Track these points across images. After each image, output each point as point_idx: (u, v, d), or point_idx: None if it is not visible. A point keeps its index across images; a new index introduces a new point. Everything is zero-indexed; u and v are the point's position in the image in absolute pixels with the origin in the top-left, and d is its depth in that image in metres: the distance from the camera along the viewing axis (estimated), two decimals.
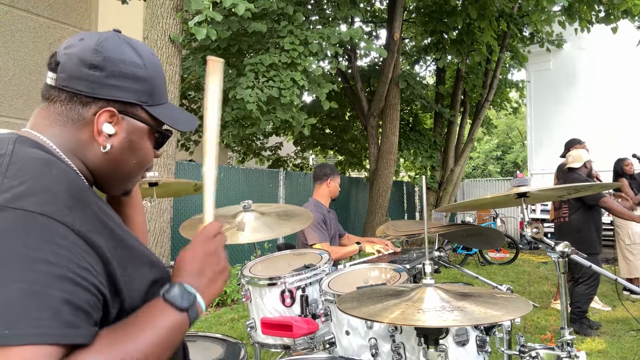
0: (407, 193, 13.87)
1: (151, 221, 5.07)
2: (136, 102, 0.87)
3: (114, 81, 0.83)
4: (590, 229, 4.52)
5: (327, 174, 3.49)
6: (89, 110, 0.83)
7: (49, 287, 0.61)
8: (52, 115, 0.83)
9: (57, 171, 0.74)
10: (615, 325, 4.59)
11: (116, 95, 0.84)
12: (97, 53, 0.82)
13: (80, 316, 0.64)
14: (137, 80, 0.86)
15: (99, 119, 0.83)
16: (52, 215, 0.66)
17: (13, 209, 0.65)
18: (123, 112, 0.85)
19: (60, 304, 0.62)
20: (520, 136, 23.16)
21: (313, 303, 2.05)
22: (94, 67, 0.82)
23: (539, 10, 8.15)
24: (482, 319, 1.24)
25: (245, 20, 6.26)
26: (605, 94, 10.86)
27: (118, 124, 0.85)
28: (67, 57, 0.83)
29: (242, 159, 10.93)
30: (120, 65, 0.84)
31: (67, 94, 0.83)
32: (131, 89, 0.85)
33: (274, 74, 6.22)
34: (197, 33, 4.64)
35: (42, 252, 0.63)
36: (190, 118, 1.00)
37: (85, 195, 0.76)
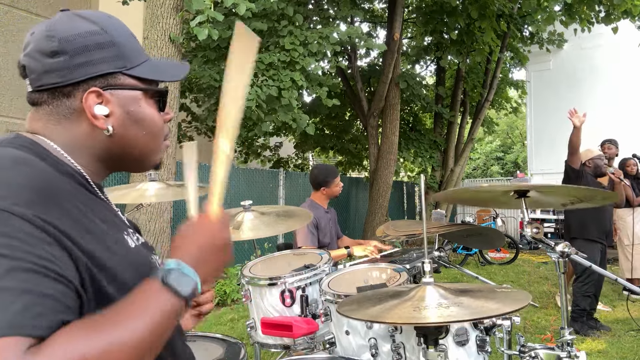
0: (407, 193, 13.88)
1: (151, 221, 5.08)
2: (114, 71, 0.81)
3: (80, 59, 0.78)
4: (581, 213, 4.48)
5: (319, 183, 3.37)
6: (74, 99, 0.80)
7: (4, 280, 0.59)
8: (44, 117, 0.81)
9: (27, 169, 0.71)
10: (615, 325, 4.59)
11: (91, 72, 0.79)
12: (50, 39, 0.78)
13: (45, 304, 0.60)
14: (102, 47, 0.80)
15: (87, 103, 0.79)
16: (7, 209, 0.64)
17: None
18: (107, 87, 0.80)
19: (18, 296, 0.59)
20: (520, 136, 23.17)
21: (313, 303, 2.05)
22: (55, 54, 0.77)
23: (540, 9, 8.15)
24: (483, 313, 1.24)
25: (246, 19, 6.26)
26: (605, 94, 10.86)
27: (109, 102, 0.80)
28: (27, 57, 0.79)
29: (245, 160, 10.93)
30: (78, 40, 0.78)
31: (47, 92, 0.79)
32: (102, 59, 0.80)
33: (273, 73, 6.22)
34: (199, 33, 4.64)
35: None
36: (177, 65, 0.94)
37: (56, 193, 0.71)
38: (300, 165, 12.55)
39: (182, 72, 0.93)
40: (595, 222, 4.49)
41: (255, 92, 5.92)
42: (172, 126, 5.20)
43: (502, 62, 10.77)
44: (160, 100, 0.89)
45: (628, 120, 10.37)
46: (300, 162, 12.63)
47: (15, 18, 7.27)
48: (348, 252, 3.04)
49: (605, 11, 7.90)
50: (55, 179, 0.75)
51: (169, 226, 5.36)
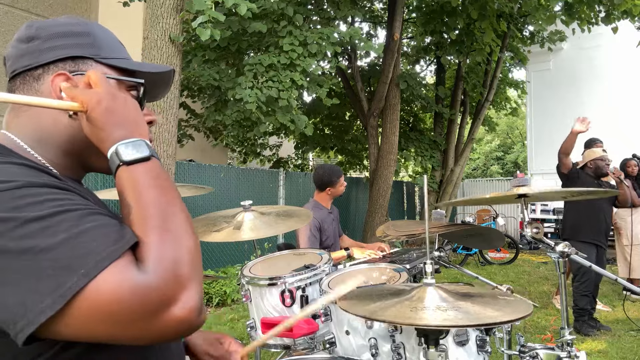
0: (407, 193, 13.87)
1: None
2: (86, 56, 0.81)
3: (52, 42, 0.79)
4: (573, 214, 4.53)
5: (325, 184, 3.35)
6: (43, 82, 0.79)
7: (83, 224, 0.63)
8: (15, 107, 0.80)
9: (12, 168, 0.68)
10: (615, 325, 4.59)
11: (60, 54, 0.79)
12: (29, 27, 0.81)
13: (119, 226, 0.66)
14: (76, 35, 0.81)
15: (53, 85, 0.78)
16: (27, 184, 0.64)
17: None
18: (77, 71, 0.80)
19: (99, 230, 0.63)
20: (520, 136, 23.17)
21: (313, 303, 2.05)
22: (30, 39, 0.79)
23: (541, 9, 8.15)
24: (483, 319, 1.24)
25: (246, 20, 6.27)
26: (605, 94, 10.87)
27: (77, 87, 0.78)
28: (8, 48, 0.82)
29: (244, 160, 10.94)
30: (54, 27, 0.80)
31: (19, 77, 0.79)
32: (74, 44, 0.80)
33: (273, 74, 6.22)
34: (201, 34, 4.64)
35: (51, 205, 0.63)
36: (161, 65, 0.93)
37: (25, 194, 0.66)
38: (301, 165, 12.55)
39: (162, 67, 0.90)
40: (588, 224, 4.50)
41: (256, 94, 5.92)
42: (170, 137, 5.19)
43: (502, 62, 10.77)
44: (137, 96, 0.85)
45: (628, 120, 10.38)
46: (301, 162, 12.63)
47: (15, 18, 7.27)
48: (348, 254, 3.04)
49: (605, 11, 7.89)
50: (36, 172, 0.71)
51: None
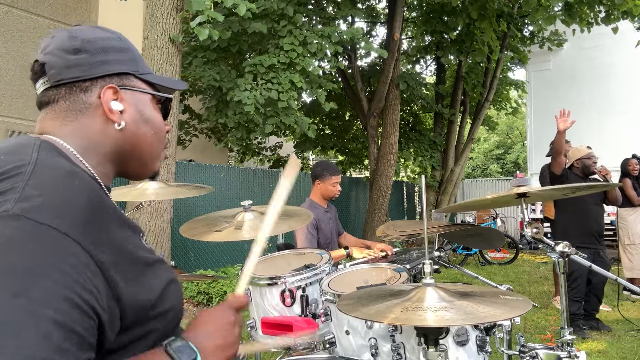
0: (407, 193, 13.87)
1: (151, 221, 5.08)
2: (129, 72, 0.88)
3: (101, 57, 0.84)
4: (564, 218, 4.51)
5: (316, 175, 3.35)
6: (92, 94, 0.84)
7: (45, 306, 0.59)
8: (60, 115, 0.84)
9: (78, 182, 0.73)
10: (615, 325, 4.59)
11: (109, 70, 0.85)
12: (74, 39, 0.84)
13: (72, 340, 0.61)
14: (119, 51, 0.87)
15: (104, 98, 0.84)
16: (66, 231, 0.64)
17: (28, 220, 0.63)
18: (122, 86, 0.86)
19: (53, 327, 0.59)
20: (520, 136, 23.17)
21: (313, 303, 2.05)
22: (78, 51, 0.83)
23: (541, 9, 8.15)
24: (482, 318, 1.24)
25: (246, 20, 6.26)
26: (605, 94, 10.87)
27: (123, 99, 0.86)
28: (49, 55, 0.83)
29: (242, 159, 10.93)
30: (99, 42, 0.85)
31: (65, 87, 0.83)
32: (119, 60, 0.87)
33: (272, 75, 6.22)
34: (200, 34, 4.64)
35: (46, 267, 0.61)
36: (179, 80, 1.03)
37: (103, 207, 0.74)
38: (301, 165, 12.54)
39: (182, 85, 1.03)
40: (577, 227, 4.45)
41: (254, 96, 5.91)
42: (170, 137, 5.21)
43: (502, 62, 10.77)
44: (163, 109, 0.96)
45: (628, 120, 10.38)
46: (300, 161, 12.61)
47: (15, 18, 7.26)
48: (347, 253, 3.03)
49: (606, 11, 7.89)
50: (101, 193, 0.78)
51: (169, 226, 5.36)
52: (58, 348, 0.59)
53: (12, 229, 0.62)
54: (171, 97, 0.98)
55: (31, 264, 0.60)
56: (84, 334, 0.63)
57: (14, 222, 0.63)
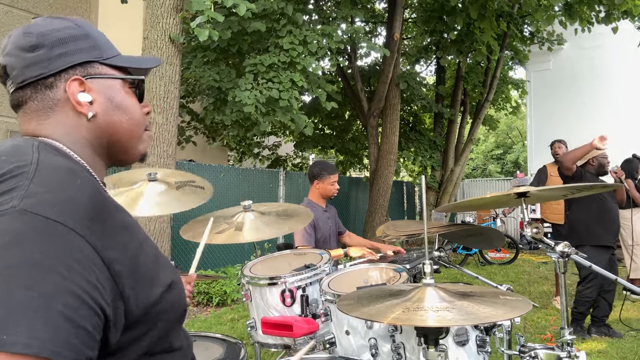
0: (407, 193, 13.87)
1: (151, 221, 5.08)
2: (92, 60, 0.85)
3: (59, 49, 0.82)
4: (586, 218, 4.35)
5: (314, 175, 3.34)
6: (58, 89, 0.82)
7: (55, 300, 0.60)
8: (33, 116, 0.82)
9: (81, 180, 0.74)
10: (615, 325, 4.59)
11: (70, 61, 0.82)
12: (28, 35, 0.81)
13: (79, 336, 0.61)
14: (78, 39, 0.84)
15: (70, 91, 0.82)
16: (72, 227, 0.65)
17: (35, 215, 0.64)
18: (87, 75, 0.84)
19: (62, 321, 0.60)
20: (520, 136, 23.17)
21: (313, 303, 2.05)
22: (35, 48, 0.80)
23: (541, 9, 8.15)
24: (482, 318, 1.24)
25: (246, 20, 6.27)
26: (605, 94, 10.87)
27: (91, 90, 0.84)
28: (7, 56, 0.82)
29: (240, 158, 10.94)
30: (55, 33, 0.82)
31: (30, 87, 0.81)
32: (79, 49, 0.84)
33: (273, 75, 6.22)
34: (200, 34, 4.64)
35: (55, 262, 0.62)
36: (148, 58, 0.99)
37: (106, 204, 0.75)
38: (299, 164, 12.54)
39: (154, 62, 0.97)
40: (603, 225, 4.34)
41: (255, 96, 5.91)
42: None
43: (502, 62, 10.77)
44: (137, 92, 0.93)
45: (628, 120, 10.37)
46: (299, 161, 12.62)
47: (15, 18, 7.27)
48: (344, 252, 3.03)
49: (606, 11, 7.89)
50: (102, 190, 0.78)
51: (169, 226, 5.36)
52: (67, 342, 0.60)
53: (21, 223, 0.63)
54: (143, 78, 0.94)
55: (40, 258, 0.61)
56: (91, 331, 0.63)
57: (21, 217, 0.63)
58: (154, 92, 5.17)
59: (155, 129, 5.17)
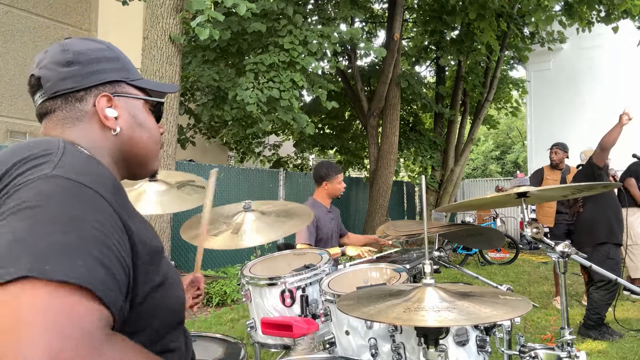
0: (407, 193, 13.87)
1: (151, 221, 5.08)
2: (121, 80, 0.93)
3: (92, 67, 0.89)
4: (603, 219, 4.30)
5: (322, 177, 3.38)
6: (87, 103, 0.89)
7: (91, 246, 0.64)
8: (59, 123, 0.88)
9: (102, 167, 0.82)
10: (615, 325, 4.59)
11: (101, 78, 0.90)
12: (66, 52, 0.88)
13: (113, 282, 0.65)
14: (110, 60, 0.92)
15: (99, 105, 0.89)
16: (101, 192, 0.71)
17: (67, 179, 0.70)
18: (115, 93, 0.91)
19: (99, 265, 0.63)
20: (520, 136, 23.17)
21: (313, 303, 2.05)
22: (70, 63, 0.87)
23: (540, 9, 8.15)
24: (482, 318, 1.24)
25: (246, 20, 6.27)
26: (605, 94, 10.87)
27: (117, 106, 0.91)
28: (43, 69, 0.88)
29: (242, 159, 10.93)
30: (90, 53, 0.90)
31: (61, 98, 0.88)
32: (110, 69, 0.91)
33: (274, 74, 6.22)
34: (200, 33, 4.65)
35: (88, 216, 0.67)
36: (169, 84, 1.08)
37: (123, 191, 0.82)
38: (300, 165, 12.55)
39: (173, 89, 1.09)
40: (619, 224, 4.36)
41: (256, 95, 5.92)
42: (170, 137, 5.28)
43: (502, 62, 10.77)
44: (156, 112, 1.02)
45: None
46: (300, 161, 12.63)
47: (15, 18, 7.26)
48: (342, 251, 3.05)
49: (606, 11, 7.90)
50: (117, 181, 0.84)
51: (169, 226, 5.37)
52: (104, 283, 0.63)
53: (53, 185, 0.68)
54: (162, 102, 1.03)
55: (74, 212, 0.66)
56: (121, 284, 0.68)
57: (55, 180, 0.69)
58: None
59: None
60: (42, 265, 0.58)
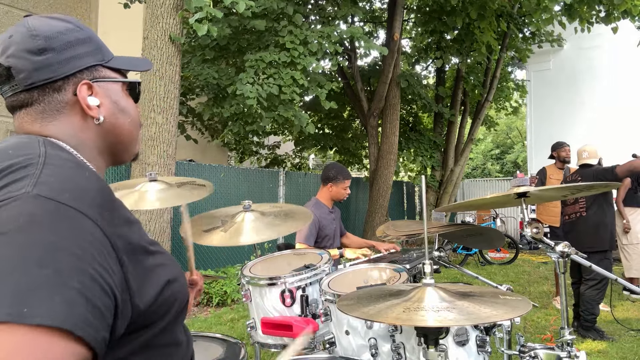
0: (407, 193, 13.87)
1: (151, 221, 5.08)
2: (97, 63, 0.86)
3: (68, 53, 0.82)
4: (608, 224, 4.33)
5: (330, 178, 3.39)
6: (66, 92, 0.83)
7: (70, 278, 0.60)
8: (38, 117, 0.82)
9: (89, 173, 0.76)
10: (615, 325, 4.59)
11: (78, 65, 0.83)
12: (35, 37, 0.81)
13: (95, 315, 0.62)
14: (83, 42, 0.85)
15: (80, 95, 0.83)
16: (83, 211, 0.67)
17: (48, 199, 0.65)
18: (94, 79, 0.85)
19: (79, 297, 0.60)
20: (520, 136, 23.17)
21: (313, 303, 2.05)
22: (43, 51, 0.80)
23: (540, 9, 8.15)
24: (482, 318, 1.24)
25: (245, 18, 6.27)
26: (605, 94, 10.87)
27: (98, 93, 0.85)
28: (13, 58, 0.80)
29: (241, 159, 10.92)
30: (61, 37, 0.82)
31: (37, 89, 0.81)
32: (85, 53, 0.85)
33: (274, 71, 6.22)
34: (198, 29, 4.65)
35: (69, 243, 0.63)
36: (141, 59, 1.01)
37: (112, 197, 0.77)
38: (298, 164, 12.54)
39: (147, 66, 1.00)
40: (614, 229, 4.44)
41: (257, 90, 5.91)
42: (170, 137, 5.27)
43: (502, 62, 10.76)
44: (134, 93, 0.96)
45: (628, 120, 10.37)
46: (299, 161, 12.61)
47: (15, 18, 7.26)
48: (340, 254, 3.05)
49: (605, 11, 7.89)
50: (107, 185, 0.80)
51: (169, 226, 5.36)
52: (84, 318, 0.61)
53: (34, 207, 0.64)
54: (139, 82, 0.97)
55: (53, 239, 0.62)
56: (104, 312, 0.64)
57: (35, 201, 0.65)
58: (154, 92, 5.17)
59: (155, 129, 5.17)
60: (20, 309, 0.56)
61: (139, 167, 5.15)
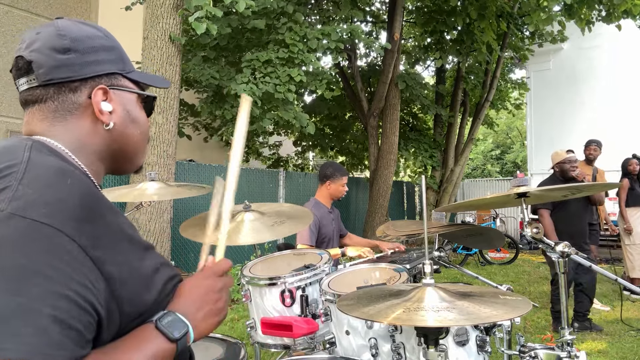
0: (407, 193, 13.87)
1: (151, 221, 5.08)
2: (117, 72, 0.88)
3: (90, 57, 0.83)
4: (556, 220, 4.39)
5: (327, 176, 3.40)
6: (81, 94, 0.83)
7: (42, 304, 0.60)
8: (49, 115, 0.83)
9: (72, 180, 0.73)
10: (615, 325, 4.59)
11: (98, 70, 0.84)
12: (62, 37, 0.82)
13: (70, 336, 0.62)
14: (107, 50, 0.87)
15: (95, 99, 0.83)
16: (60, 227, 0.65)
17: (22, 218, 0.64)
18: (111, 86, 0.86)
19: (51, 323, 0.60)
20: (520, 136, 23.16)
21: (313, 303, 2.05)
22: (68, 51, 0.81)
23: (540, 9, 8.15)
24: (482, 318, 1.24)
25: (245, 17, 6.27)
26: (605, 94, 10.87)
27: (112, 100, 0.86)
28: (36, 53, 0.81)
29: (247, 159, 10.92)
30: (88, 41, 0.84)
31: (54, 87, 0.82)
32: (107, 60, 0.86)
33: (270, 70, 6.22)
34: (197, 28, 4.66)
35: (41, 265, 0.62)
36: (162, 78, 1.04)
37: (98, 206, 0.74)
38: (300, 165, 12.53)
39: (165, 84, 1.04)
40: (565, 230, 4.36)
41: (251, 88, 5.91)
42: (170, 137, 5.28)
43: (502, 62, 10.76)
44: (147, 107, 0.97)
45: (628, 120, 10.37)
46: (300, 161, 12.61)
47: (15, 18, 7.26)
48: (342, 252, 3.06)
49: (606, 11, 7.90)
50: (96, 191, 0.78)
51: (169, 226, 5.36)
52: (56, 343, 0.60)
53: (6, 228, 0.63)
54: (156, 96, 0.99)
55: (26, 262, 0.61)
56: (81, 330, 0.64)
57: (8, 221, 0.64)
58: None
59: (155, 129, 5.17)
60: None
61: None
